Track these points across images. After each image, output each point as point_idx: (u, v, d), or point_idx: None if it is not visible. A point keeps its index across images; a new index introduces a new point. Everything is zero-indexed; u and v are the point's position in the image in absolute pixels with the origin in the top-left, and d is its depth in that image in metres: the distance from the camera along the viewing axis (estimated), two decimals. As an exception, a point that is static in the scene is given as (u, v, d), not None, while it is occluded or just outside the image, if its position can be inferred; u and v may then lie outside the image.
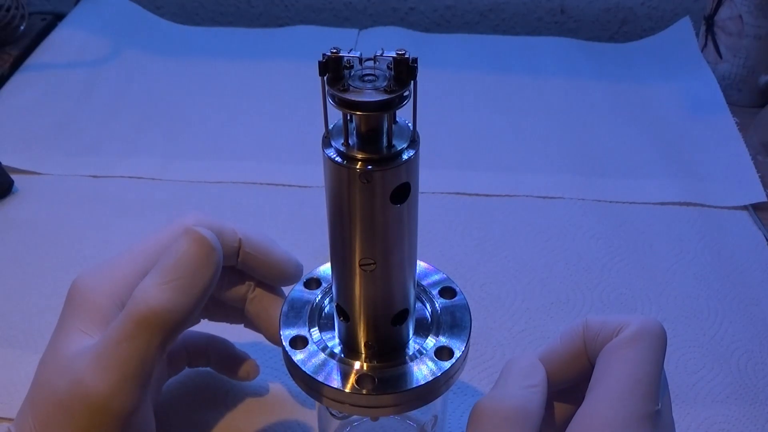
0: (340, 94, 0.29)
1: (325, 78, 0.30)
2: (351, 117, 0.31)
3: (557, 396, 0.36)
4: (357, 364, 0.35)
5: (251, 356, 0.46)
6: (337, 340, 0.37)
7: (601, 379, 0.32)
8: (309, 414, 0.46)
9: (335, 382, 0.34)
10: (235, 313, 0.43)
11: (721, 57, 0.76)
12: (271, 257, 0.40)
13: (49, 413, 0.33)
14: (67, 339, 0.35)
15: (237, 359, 0.45)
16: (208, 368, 0.47)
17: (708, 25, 0.78)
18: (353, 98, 0.29)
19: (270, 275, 0.41)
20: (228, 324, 0.44)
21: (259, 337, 0.44)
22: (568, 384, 0.35)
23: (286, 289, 0.41)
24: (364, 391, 0.34)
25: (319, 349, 0.36)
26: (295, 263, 0.41)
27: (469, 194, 0.64)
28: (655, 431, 0.31)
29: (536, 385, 0.33)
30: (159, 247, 0.37)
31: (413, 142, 0.31)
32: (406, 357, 0.36)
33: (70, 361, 0.34)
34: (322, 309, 0.38)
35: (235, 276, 0.41)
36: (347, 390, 0.34)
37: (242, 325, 0.44)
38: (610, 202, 0.63)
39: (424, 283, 0.39)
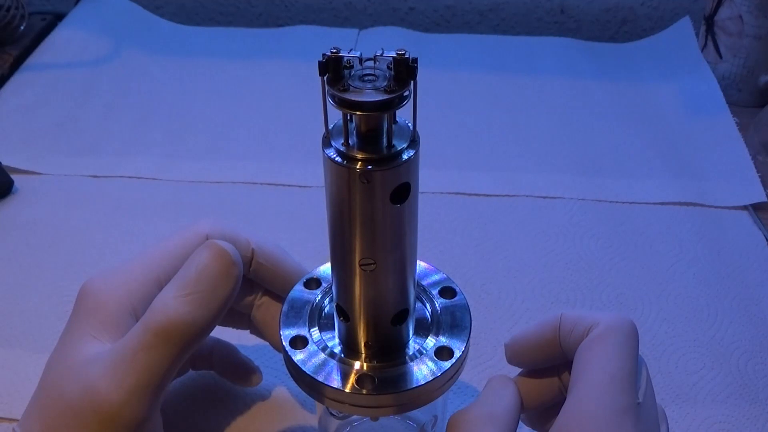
0: (340, 94, 0.29)
1: (325, 78, 0.30)
2: (351, 117, 0.31)
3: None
4: (357, 364, 0.35)
5: (254, 359, 0.46)
6: (337, 340, 0.37)
7: (579, 376, 0.33)
8: (310, 415, 0.46)
9: (335, 382, 0.34)
10: (242, 319, 0.43)
11: (721, 57, 0.76)
12: (282, 269, 0.40)
13: (57, 418, 0.33)
14: (77, 343, 0.35)
15: (240, 365, 0.45)
16: (211, 371, 0.47)
17: (708, 25, 0.78)
18: (353, 98, 0.29)
19: (281, 286, 0.41)
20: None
21: (261, 340, 0.44)
22: (537, 366, 0.37)
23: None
24: (364, 391, 0.34)
25: (319, 349, 0.36)
26: (304, 272, 0.41)
27: (469, 194, 0.64)
28: (637, 423, 0.31)
29: (504, 392, 0.35)
30: (173, 254, 0.37)
31: (413, 142, 0.31)
32: (406, 357, 0.36)
33: (82, 366, 0.34)
34: (322, 309, 0.38)
35: (245, 284, 0.41)
36: (347, 390, 0.34)
37: (248, 331, 0.44)
38: (610, 202, 0.63)
39: (424, 283, 0.39)
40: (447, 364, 0.35)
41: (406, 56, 0.29)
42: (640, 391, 0.33)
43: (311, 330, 0.37)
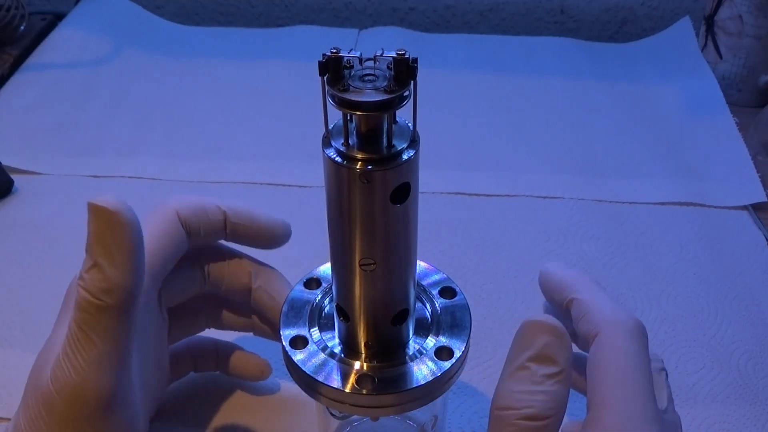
0: (340, 94, 0.29)
1: (325, 78, 0.30)
2: (351, 117, 0.31)
3: None
4: (357, 364, 0.35)
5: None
6: (337, 340, 0.37)
7: (596, 390, 0.32)
8: (309, 414, 0.46)
9: (335, 382, 0.34)
10: (243, 321, 0.44)
11: (721, 57, 0.76)
12: (258, 223, 0.41)
13: (35, 409, 0.34)
14: (59, 338, 0.35)
15: (248, 359, 0.45)
16: (211, 372, 0.47)
17: (708, 25, 0.78)
18: (353, 98, 0.29)
19: (260, 239, 0.41)
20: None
21: (260, 341, 0.44)
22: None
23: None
24: (364, 391, 0.34)
25: (319, 349, 0.36)
26: (282, 223, 0.42)
27: (469, 194, 0.64)
28: (662, 430, 0.31)
29: (557, 374, 0.31)
30: (150, 238, 0.37)
31: (413, 142, 0.31)
32: (406, 357, 0.36)
33: (54, 357, 0.34)
34: (322, 309, 0.38)
35: (231, 263, 0.42)
36: (347, 390, 0.34)
37: (251, 333, 0.45)
38: (610, 202, 0.63)
39: (424, 283, 0.39)
40: (447, 364, 0.35)
41: (406, 56, 0.29)
42: (663, 397, 0.32)
43: (311, 330, 0.37)
